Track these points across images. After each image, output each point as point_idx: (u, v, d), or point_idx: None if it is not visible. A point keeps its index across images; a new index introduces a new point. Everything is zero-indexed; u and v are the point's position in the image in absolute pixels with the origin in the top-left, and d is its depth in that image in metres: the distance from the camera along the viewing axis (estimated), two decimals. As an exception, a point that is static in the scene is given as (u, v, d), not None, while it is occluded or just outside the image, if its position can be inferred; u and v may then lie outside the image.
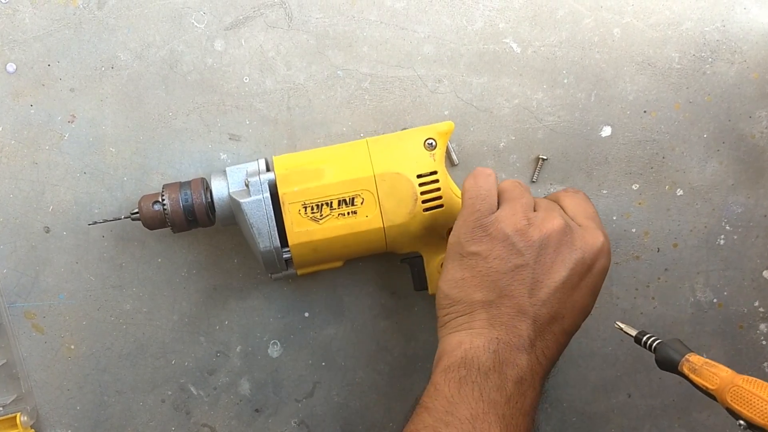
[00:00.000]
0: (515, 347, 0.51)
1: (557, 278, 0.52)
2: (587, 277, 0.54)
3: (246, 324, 0.69)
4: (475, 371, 0.50)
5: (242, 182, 0.59)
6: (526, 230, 0.53)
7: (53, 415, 0.68)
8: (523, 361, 0.51)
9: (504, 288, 0.53)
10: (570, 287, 0.53)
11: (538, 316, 0.52)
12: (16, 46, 0.64)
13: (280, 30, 0.65)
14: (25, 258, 0.66)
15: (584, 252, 0.54)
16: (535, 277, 0.52)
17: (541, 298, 0.52)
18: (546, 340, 0.53)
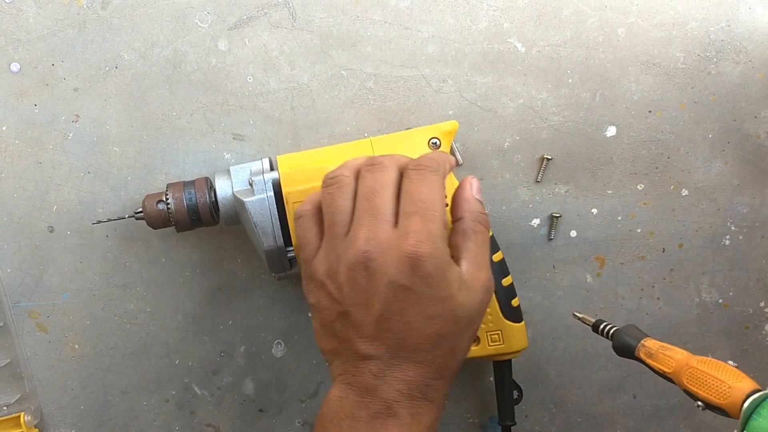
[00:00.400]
0: (362, 387, 0.48)
1: (376, 310, 0.48)
2: (409, 296, 0.47)
3: (250, 324, 0.69)
4: (329, 425, 0.49)
5: (246, 181, 0.59)
6: (335, 273, 0.50)
7: (57, 414, 0.68)
8: (374, 398, 0.48)
9: (340, 334, 0.50)
10: (396, 313, 0.48)
11: (373, 351, 0.48)
12: (20, 45, 0.64)
13: (283, 30, 0.65)
14: (29, 257, 0.66)
15: (390, 273, 0.47)
16: (358, 318, 0.49)
17: (369, 334, 0.48)
18: (396, 367, 0.48)
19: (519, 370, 0.67)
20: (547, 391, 0.70)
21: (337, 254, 0.50)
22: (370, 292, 0.48)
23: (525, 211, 0.67)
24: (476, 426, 0.70)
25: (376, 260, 0.48)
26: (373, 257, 0.48)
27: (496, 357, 0.63)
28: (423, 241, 0.47)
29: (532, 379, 0.70)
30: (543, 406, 0.70)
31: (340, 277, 0.49)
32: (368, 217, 0.49)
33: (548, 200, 0.67)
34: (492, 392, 0.67)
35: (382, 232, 0.48)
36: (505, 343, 0.62)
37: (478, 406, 0.70)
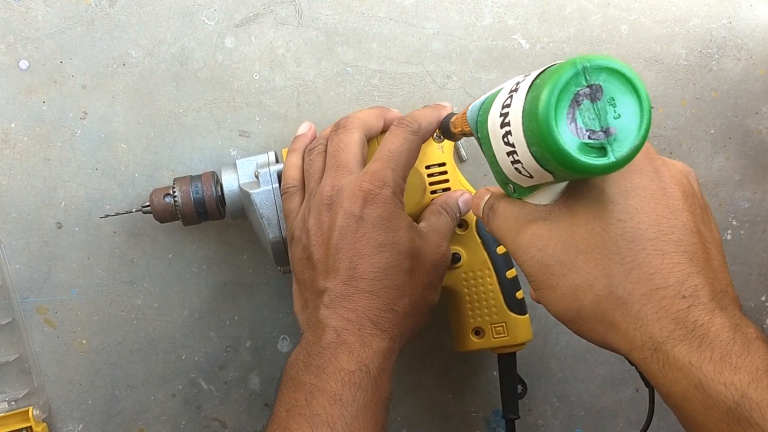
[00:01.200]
0: (316, 323, 0.51)
1: (330, 243, 0.52)
2: (360, 225, 0.52)
3: (256, 319, 0.69)
4: (290, 369, 0.51)
5: (252, 174, 0.60)
6: (305, 221, 0.55)
7: (65, 409, 0.69)
8: (326, 328, 0.50)
9: (306, 281, 0.54)
10: (347, 243, 0.52)
11: (327, 283, 0.52)
12: (28, 43, 0.65)
13: (289, 27, 0.65)
14: (37, 253, 0.67)
15: (345, 204, 0.52)
16: (318, 256, 0.53)
17: (324, 268, 0.53)
18: (347, 297, 0.51)
19: (522, 364, 0.67)
20: (550, 385, 0.71)
21: (309, 206, 0.55)
22: (330, 227, 0.53)
23: (528, 206, 0.68)
24: (480, 420, 0.71)
25: (338, 198, 0.53)
26: (336, 197, 0.53)
27: (501, 349, 0.63)
28: (378, 179, 0.52)
29: (535, 373, 0.70)
30: (546, 399, 0.71)
31: (310, 223, 0.54)
32: (334, 169, 0.55)
33: (551, 195, 0.68)
34: (496, 386, 0.67)
35: (344, 178, 0.54)
36: (509, 335, 0.62)
37: (482, 400, 0.70)
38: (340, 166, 0.55)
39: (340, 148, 0.56)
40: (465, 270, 0.62)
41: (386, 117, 0.59)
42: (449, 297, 0.63)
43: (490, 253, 0.62)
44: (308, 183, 0.57)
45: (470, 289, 0.62)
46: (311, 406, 0.47)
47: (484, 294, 0.62)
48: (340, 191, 0.53)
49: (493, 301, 0.62)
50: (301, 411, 0.47)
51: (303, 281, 0.55)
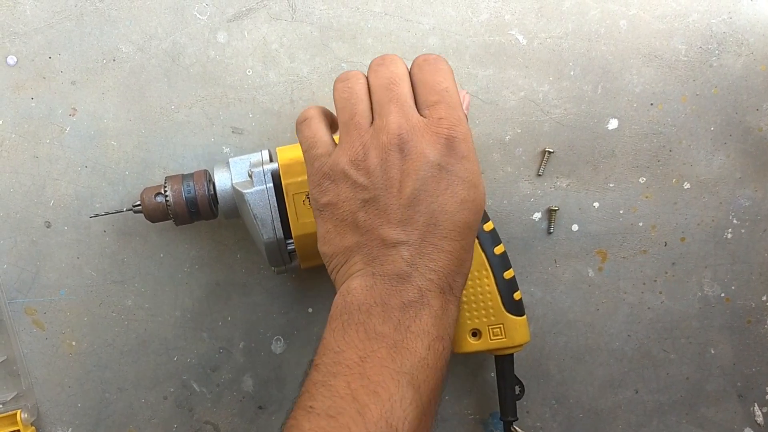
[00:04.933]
0: (393, 275, 0.47)
1: (408, 193, 0.47)
2: (444, 177, 0.48)
3: (249, 320, 0.68)
4: (356, 313, 0.47)
5: (245, 173, 0.59)
6: (363, 159, 0.48)
7: (54, 412, 0.67)
8: (407, 285, 0.47)
9: (364, 225, 0.49)
10: (428, 195, 0.47)
11: (404, 236, 0.47)
12: (16, 38, 0.63)
13: (283, 22, 0.64)
14: (25, 253, 0.66)
15: (427, 153, 0.47)
16: (387, 202, 0.48)
17: (400, 218, 0.47)
18: (428, 254, 0.47)
19: (520, 366, 0.66)
20: (548, 387, 0.70)
21: (363, 142, 0.49)
22: (404, 173, 0.47)
23: (526, 204, 0.67)
24: (478, 422, 0.70)
25: (411, 141, 0.47)
26: (407, 138, 0.47)
27: (498, 351, 0.62)
28: (456, 125, 0.48)
29: (533, 374, 0.69)
30: (545, 401, 0.70)
31: (370, 162, 0.48)
32: (395, 104, 0.48)
33: (550, 194, 0.67)
34: (493, 388, 0.67)
35: (412, 117, 0.48)
36: (507, 336, 0.61)
37: (479, 402, 0.69)
38: (402, 102, 0.49)
39: (394, 81, 0.49)
40: (462, 270, 0.61)
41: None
42: (446, 297, 0.62)
43: (487, 254, 0.61)
44: (351, 112, 0.50)
45: (467, 290, 0.61)
46: (396, 361, 0.44)
47: (481, 295, 0.61)
48: (411, 132, 0.48)
49: (490, 302, 0.61)
50: (382, 363, 0.44)
51: (358, 226, 0.49)
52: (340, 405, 0.43)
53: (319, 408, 0.43)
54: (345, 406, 0.43)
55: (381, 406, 0.43)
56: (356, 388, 0.43)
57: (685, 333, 0.69)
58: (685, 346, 0.69)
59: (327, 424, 0.42)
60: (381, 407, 0.43)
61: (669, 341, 0.69)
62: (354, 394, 0.43)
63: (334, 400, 0.43)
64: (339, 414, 0.42)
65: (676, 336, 0.69)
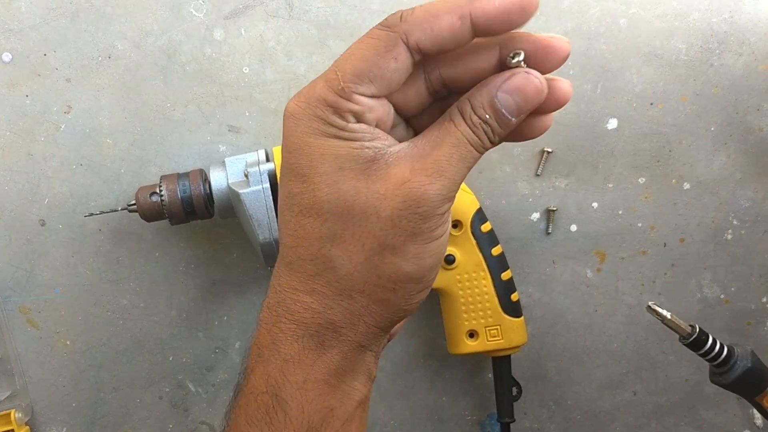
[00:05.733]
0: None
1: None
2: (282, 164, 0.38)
3: (245, 320, 0.67)
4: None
5: (242, 173, 0.58)
6: None
7: (48, 411, 0.67)
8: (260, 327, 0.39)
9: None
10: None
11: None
12: (11, 35, 0.63)
13: (280, 19, 0.64)
14: (19, 251, 0.65)
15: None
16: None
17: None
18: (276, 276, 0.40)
19: (518, 367, 0.66)
20: (546, 388, 0.69)
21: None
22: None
23: (525, 205, 0.67)
24: (474, 423, 0.69)
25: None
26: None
27: (495, 352, 0.62)
28: (299, 99, 0.38)
29: (531, 375, 0.69)
30: (542, 403, 0.69)
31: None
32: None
33: (548, 194, 0.66)
34: (490, 389, 0.66)
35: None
36: (504, 338, 0.61)
37: (476, 403, 0.69)
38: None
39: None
40: (459, 272, 0.60)
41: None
42: (443, 299, 0.62)
43: (485, 254, 0.60)
44: None
45: (465, 291, 0.60)
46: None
47: (478, 296, 0.60)
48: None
49: (487, 303, 0.60)
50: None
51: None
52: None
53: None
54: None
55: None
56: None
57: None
58: (684, 347, 0.69)
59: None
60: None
61: (668, 343, 0.69)
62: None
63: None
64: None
65: (674, 337, 0.68)
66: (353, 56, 0.36)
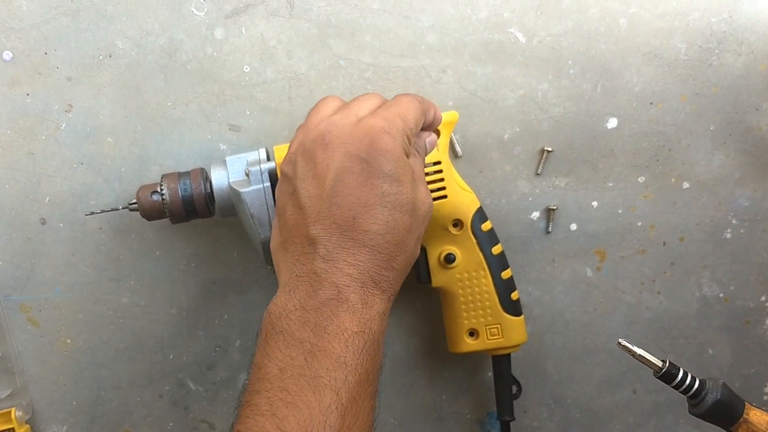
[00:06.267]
0: (311, 273, 0.46)
1: (326, 185, 0.47)
2: (365, 169, 0.47)
3: (245, 318, 0.68)
4: (277, 321, 0.46)
5: (242, 172, 0.58)
6: (293, 155, 0.51)
7: (49, 410, 0.67)
8: (323, 283, 0.46)
9: (289, 221, 0.49)
10: (346, 187, 0.47)
11: (322, 231, 0.47)
12: (12, 33, 0.63)
13: (281, 18, 0.64)
14: (20, 250, 0.65)
15: (348, 145, 0.48)
16: (305, 195, 0.48)
17: (318, 212, 0.47)
18: (346, 249, 0.47)
19: (517, 366, 0.66)
20: (546, 387, 0.69)
21: (300, 144, 0.50)
22: (324, 165, 0.48)
23: (525, 203, 0.67)
24: (474, 422, 0.70)
25: (333, 133, 0.49)
26: (330, 131, 0.49)
27: (495, 351, 0.62)
28: (388, 124, 0.49)
29: (530, 374, 0.69)
30: (542, 401, 0.69)
31: (296, 156, 0.50)
32: (341, 110, 0.51)
33: (548, 193, 0.67)
34: (490, 388, 0.66)
35: (344, 118, 0.50)
36: (504, 336, 0.61)
37: (476, 401, 0.69)
38: (348, 109, 0.51)
39: (357, 97, 0.53)
40: (460, 270, 0.60)
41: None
42: (444, 298, 0.62)
43: (485, 253, 0.60)
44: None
45: (465, 290, 0.61)
46: (312, 367, 0.43)
47: (479, 295, 0.61)
48: (334, 126, 0.49)
49: (488, 302, 0.61)
50: (300, 371, 0.44)
51: (285, 222, 0.50)
52: (261, 423, 0.42)
53: (243, 430, 0.43)
54: (265, 423, 0.42)
55: (299, 417, 0.42)
56: (275, 402, 0.43)
57: (683, 333, 0.69)
58: (684, 346, 0.69)
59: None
60: (299, 418, 0.42)
61: (667, 341, 0.69)
62: (273, 410, 0.43)
63: (256, 419, 0.43)
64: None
65: (674, 336, 0.69)
66: (410, 111, 0.52)
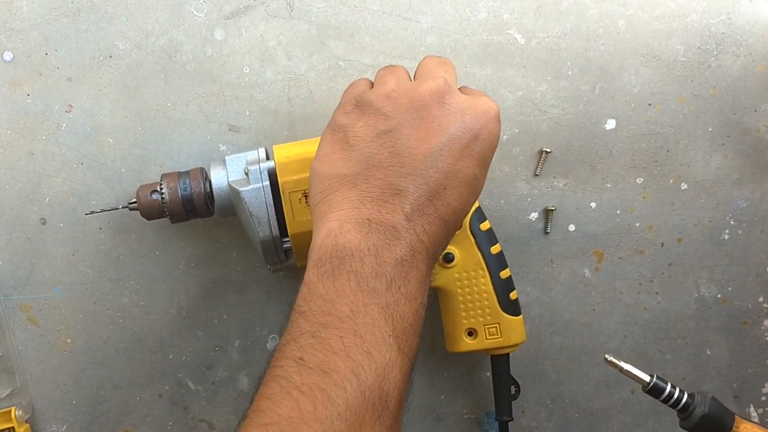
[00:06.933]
0: (390, 226, 0.44)
1: (432, 144, 0.46)
2: (473, 145, 0.47)
3: (245, 318, 0.68)
4: (348, 259, 0.43)
5: (242, 171, 0.59)
6: (395, 94, 0.48)
7: (48, 409, 0.67)
8: (402, 241, 0.44)
9: (371, 157, 0.46)
10: (451, 155, 0.46)
11: (412, 187, 0.45)
12: (13, 34, 0.63)
13: (281, 19, 0.64)
14: (20, 250, 0.65)
15: (465, 115, 0.47)
16: (405, 143, 0.46)
17: (415, 166, 0.46)
18: (427, 215, 0.46)
19: (516, 366, 0.66)
20: (544, 387, 0.70)
21: (400, 86, 0.48)
22: (437, 123, 0.46)
23: (523, 204, 0.67)
24: (473, 422, 0.70)
25: (452, 96, 0.47)
26: (448, 92, 0.47)
27: (494, 351, 0.62)
28: (494, 110, 0.48)
29: (529, 374, 0.69)
30: (540, 401, 0.70)
31: (401, 99, 0.47)
32: (442, 72, 0.50)
33: (547, 194, 0.67)
34: (489, 388, 0.67)
35: (454, 83, 0.50)
36: (503, 336, 0.61)
37: (474, 401, 0.69)
38: (447, 76, 0.50)
39: (444, 61, 0.52)
40: (458, 270, 0.61)
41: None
42: (442, 297, 0.62)
43: (483, 253, 0.60)
44: (389, 70, 0.51)
45: (463, 290, 0.61)
46: (389, 324, 0.42)
47: (477, 294, 0.61)
48: (454, 93, 0.48)
49: (486, 301, 0.61)
50: (374, 323, 0.42)
51: (368, 158, 0.47)
52: (334, 361, 0.40)
53: (310, 361, 0.40)
54: (339, 362, 0.40)
55: (375, 369, 0.40)
56: (349, 344, 0.41)
57: (681, 334, 0.69)
58: (681, 346, 0.69)
59: (320, 380, 0.39)
60: (375, 370, 0.40)
61: (665, 342, 0.69)
62: (348, 351, 0.40)
63: (327, 355, 0.40)
64: (333, 371, 0.39)
65: (672, 337, 0.69)
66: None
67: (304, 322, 0.42)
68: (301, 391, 0.39)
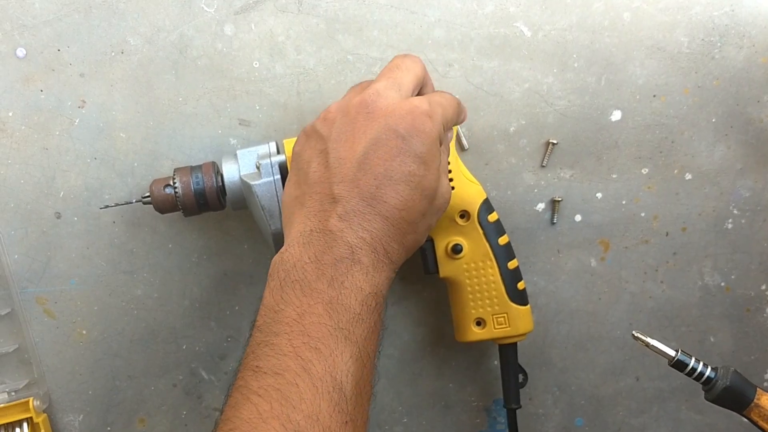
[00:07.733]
0: (327, 231, 0.48)
1: (359, 151, 0.49)
2: (401, 144, 0.49)
3: (256, 309, 0.68)
4: (292, 270, 0.47)
5: (253, 165, 0.60)
6: (330, 116, 0.52)
7: (65, 399, 0.68)
8: (338, 241, 0.47)
9: (313, 176, 0.51)
10: (378, 158, 0.49)
11: (344, 192, 0.49)
12: (26, 30, 0.64)
13: (290, 14, 0.65)
14: (36, 243, 0.66)
15: (389, 118, 0.49)
16: (336, 155, 0.50)
17: (345, 174, 0.49)
18: (364, 215, 0.48)
19: (523, 354, 0.67)
20: (551, 375, 0.71)
21: (339, 107, 0.52)
22: (362, 131, 0.50)
23: (530, 195, 0.68)
24: (481, 409, 0.71)
25: (377, 104, 0.50)
26: (375, 101, 0.50)
27: (502, 340, 0.63)
28: (431, 109, 0.51)
29: (536, 362, 0.70)
30: (547, 389, 0.71)
31: (335, 118, 0.52)
32: (386, 79, 0.52)
33: (553, 185, 0.68)
34: (496, 376, 0.67)
35: (389, 89, 0.51)
36: (510, 325, 0.62)
37: (482, 389, 0.71)
38: (392, 78, 0.52)
39: (398, 65, 0.54)
40: (467, 261, 0.61)
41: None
42: (451, 287, 0.63)
43: (491, 243, 0.61)
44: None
45: (472, 280, 0.62)
46: (333, 318, 0.45)
47: (485, 285, 0.62)
48: (380, 99, 0.50)
49: (494, 291, 0.62)
50: (320, 320, 0.45)
51: (308, 177, 0.51)
52: (285, 362, 0.44)
53: (265, 367, 0.44)
54: (289, 363, 0.44)
55: (324, 362, 0.44)
56: (298, 345, 0.44)
57: (685, 321, 0.70)
58: (686, 334, 0.70)
59: (274, 381, 0.43)
60: (324, 362, 0.44)
61: (670, 329, 0.70)
62: (297, 351, 0.44)
63: (279, 358, 0.44)
64: (285, 371, 0.43)
65: (676, 324, 0.70)
66: (451, 106, 0.55)
67: (259, 335, 0.47)
68: (259, 394, 0.43)
